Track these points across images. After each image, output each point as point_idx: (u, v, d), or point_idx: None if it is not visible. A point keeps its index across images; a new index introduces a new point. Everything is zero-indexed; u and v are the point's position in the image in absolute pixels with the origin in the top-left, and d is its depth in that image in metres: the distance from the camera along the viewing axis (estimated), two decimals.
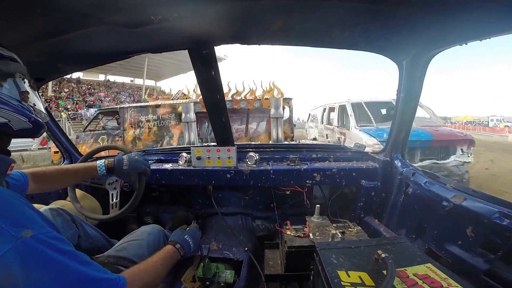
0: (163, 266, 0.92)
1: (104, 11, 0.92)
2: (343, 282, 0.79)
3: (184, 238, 1.13)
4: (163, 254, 0.98)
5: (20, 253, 0.53)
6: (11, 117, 0.71)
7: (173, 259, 1.02)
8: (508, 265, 0.91)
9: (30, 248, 0.55)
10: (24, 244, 0.54)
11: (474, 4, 0.83)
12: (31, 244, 0.55)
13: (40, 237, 0.58)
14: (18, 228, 0.56)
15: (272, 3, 0.92)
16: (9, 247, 0.52)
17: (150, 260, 0.91)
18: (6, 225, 0.55)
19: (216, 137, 1.72)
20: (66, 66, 1.44)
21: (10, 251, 0.52)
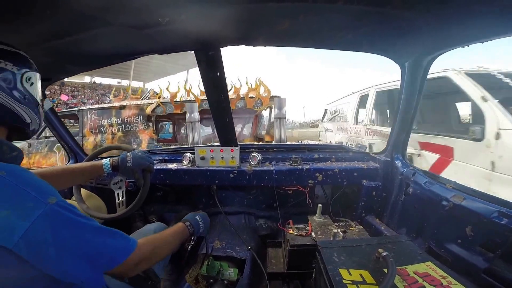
0: (173, 238, 0.98)
1: (111, 13, 0.93)
2: (344, 280, 0.80)
3: (195, 218, 1.16)
4: (174, 228, 1.04)
5: (49, 217, 0.59)
6: (33, 118, 0.80)
7: (183, 234, 1.05)
8: (507, 263, 0.91)
9: (56, 212, 0.61)
10: (52, 209, 0.60)
11: (476, 7, 0.84)
12: (56, 209, 0.61)
13: (62, 203, 0.63)
14: (45, 195, 0.61)
15: (278, 5, 0.92)
16: (40, 211, 0.58)
17: (161, 232, 0.98)
18: (35, 192, 0.60)
19: (220, 137, 1.73)
20: (73, 66, 1.45)
21: (41, 215, 0.58)
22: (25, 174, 0.65)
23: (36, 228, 0.57)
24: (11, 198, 0.58)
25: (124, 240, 0.75)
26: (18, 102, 0.74)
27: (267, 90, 5.67)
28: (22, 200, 0.58)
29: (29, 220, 0.56)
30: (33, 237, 0.56)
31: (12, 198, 0.58)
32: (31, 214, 0.57)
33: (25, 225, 0.55)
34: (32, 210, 0.58)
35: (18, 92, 0.74)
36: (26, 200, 0.58)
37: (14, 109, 0.73)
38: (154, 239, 0.90)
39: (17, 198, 0.58)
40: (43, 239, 0.57)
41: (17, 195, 0.59)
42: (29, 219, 0.56)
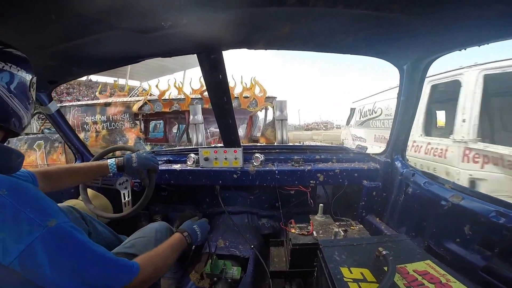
0: (172, 252, 0.98)
1: (115, 17, 0.94)
2: (345, 278, 0.81)
3: (193, 228, 1.17)
4: (171, 241, 1.04)
5: (46, 240, 0.58)
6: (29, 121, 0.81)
7: (181, 246, 1.06)
8: (505, 261, 0.93)
9: (54, 236, 0.60)
10: (50, 232, 0.59)
11: (473, 11, 0.85)
12: (55, 232, 0.60)
13: (63, 225, 0.62)
14: (44, 217, 0.60)
15: (279, 9, 0.93)
16: (37, 235, 0.57)
17: (160, 247, 0.96)
18: (33, 215, 0.59)
19: (223, 138, 1.75)
20: (79, 69, 1.47)
21: (38, 238, 0.57)
22: (27, 193, 0.63)
23: (31, 250, 0.56)
24: (8, 220, 0.56)
25: (125, 267, 0.73)
26: (25, 108, 0.76)
27: (263, 90, 5.47)
28: (18, 223, 0.57)
29: (24, 243, 0.55)
30: (28, 258, 0.56)
31: (9, 220, 0.56)
32: (27, 238, 0.56)
33: (20, 247, 0.55)
34: (28, 234, 0.56)
35: (27, 98, 0.76)
36: (22, 223, 0.57)
37: (21, 114, 0.75)
38: (154, 257, 0.88)
39: (14, 220, 0.57)
40: (39, 261, 0.56)
41: (14, 217, 0.57)
42: (24, 242, 0.55)
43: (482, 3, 0.80)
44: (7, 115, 0.71)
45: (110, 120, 5.86)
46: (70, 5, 0.83)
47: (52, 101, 1.71)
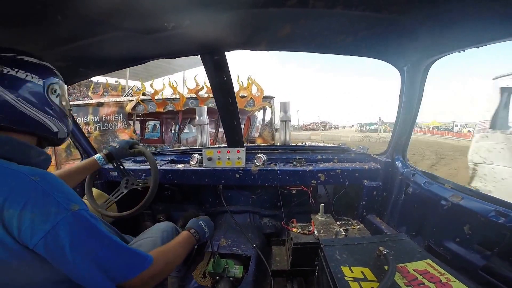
0: (182, 248, 1.00)
1: (119, 18, 0.96)
2: (346, 277, 0.81)
3: (199, 224, 1.19)
4: (180, 238, 1.06)
5: (69, 224, 0.62)
6: (61, 128, 0.84)
7: (190, 243, 1.08)
8: (504, 261, 0.93)
9: (77, 219, 0.64)
10: (73, 216, 0.63)
11: (472, 12, 0.86)
12: (78, 216, 0.64)
13: (85, 212, 0.67)
14: (69, 202, 0.65)
15: (279, 10, 0.95)
16: (62, 217, 0.61)
17: (170, 244, 0.99)
18: (60, 199, 0.63)
19: (227, 138, 1.76)
20: (86, 70, 1.48)
21: (63, 220, 0.61)
22: (55, 181, 0.68)
23: (56, 232, 0.60)
24: (39, 202, 0.61)
25: (139, 257, 0.76)
26: (45, 113, 0.77)
27: (260, 90, 5.38)
28: (47, 205, 0.61)
29: (50, 224, 0.60)
30: (52, 240, 0.59)
31: (39, 202, 0.61)
32: (53, 219, 0.60)
33: (46, 228, 0.59)
34: (55, 215, 0.61)
35: (44, 104, 0.77)
36: (50, 205, 0.61)
37: (41, 120, 0.77)
38: (166, 253, 0.91)
39: (44, 202, 0.61)
40: (62, 243, 0.60)
41: (44, 200, 0.62)
42: (50, 223, 0.60)
43: (481, 4, 0.81)
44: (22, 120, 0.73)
45: (102, 121, 5.79)
46: (75, 6, 0.85)
47: None
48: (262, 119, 6.33)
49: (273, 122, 5.53)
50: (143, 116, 6.39)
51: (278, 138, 2.47)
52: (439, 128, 39.80)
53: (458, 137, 26.89)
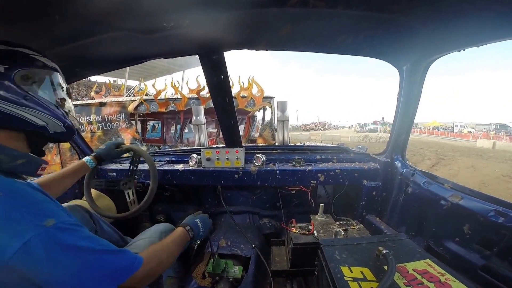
0: (175, 246, 0.98)
1: (118, 18, 0.95)
2: (346, 277, 0.82)
3: (195, 222, 1.16)
4: (174, 235, 1.04)
5: (43, 240, 0.58)
6: (49, 120, 0.77)
7: (184, 240, 1.05)
8: (503, 260, 0.93)
9: (52, 235, 0.60)
10: (47, 232, 0.59)
11: (471, 12, 0.86)
12: (53, 231, 0.60)
13: (60, 225, 0.62)
14: (42, 218, 0.60)
15: (279, 10, 0.94)
16: (32, 234, 0.57)
17: (163, 241, 0.97)
18: (30, 216, 0.59)
19: (225, 139, 1.76)
20: (83, 70, 1.48)
21: (34, 237, 0.57)
22: (24, 194, 0.64)
23: (28, 249, 0.56)
24: (4, 220, 0.57)
25: (129, 259, 0.73)
26: (15, 104, 0.69)
27: (260, 90, 5.40)
28: (14, 223, 0.57)
29: (20, 241, 0.56)
30: (26, 256, 0.56)
31: (5, 220, 0.57)
32: (22, 236, 0.56)
33: (16, 246, 0.55)
34: (24, 232, 0.57)
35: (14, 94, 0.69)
36: (18, 223, 0.58)
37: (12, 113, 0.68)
38: (158, 251, 0.88)
39: (10, 220, 0.58)
40: (37, 259, 0.57)
41: (10, 217, 0.58)
42: (20, 241, 0.56)
43: (481, 4, 0.81)
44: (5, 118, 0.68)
45: (105, 121, 5.81)
46: (73, 7, 0.84)
47: None
48: (262, 119, 6.36)
49: (273, 122, 5.46)
50: (144, 116, 6.40)
51: (277, 138, 2.47)
52: (439, 128, 39.93)
53: (458, 137, 27.04)
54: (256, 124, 6.84)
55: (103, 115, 5.83)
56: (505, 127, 34.39)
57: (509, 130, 31.82)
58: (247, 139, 6.19)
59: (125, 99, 6.11)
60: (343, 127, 68.52)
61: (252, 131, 6.54)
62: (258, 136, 5.85)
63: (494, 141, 19.28)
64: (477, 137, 23.50)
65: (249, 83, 5.54)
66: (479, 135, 25.37)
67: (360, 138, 23.24)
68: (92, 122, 5.86)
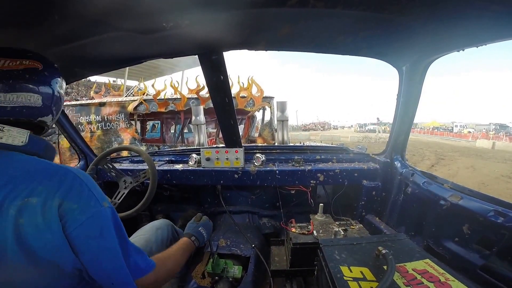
0: (182, 256, 1.04)
1: (117, 18, 0.95)
2: (345, 277, 0.82)
3: (199, 231, 1.21)
4: (181, 245, 1.09)
5: (100, 217, 0.68)
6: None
7: (190, 249, 1.11)
8: (503, 260, 0.94)
9: (106, 214, 0.69)
10: (105, 211, 0.69)
11: (471, 12, 0.86)
12: (107, 212, 0.70)
13: (112, 210, 0.72)
14: (101, 199, 0.70)
15: (279, 10, 0.94)
16: (96, 210, 0.67)
17: (171, 250, 1.02)
18: (97, 195, 0.70)
19: (225, 139, 1.76)
20: (82, 70, 1.47)
21: (96, 213, 0.67)
22: (91, 180, 0.73)
23: (89, 223, 0.65)
24: (84, 196, 0.67)
25: (145, 260, 0.80)
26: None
27: (260, 90, 5.39)
28: (87, 199, 0.67)
29: (86, 215, 0.65)
30: (85, 230, 0.65)
31: (84, 196, 0.67)
32: (89, 211, 0.66)
33: (82, 219, 0.64)
34: (91, 208, 0.67)
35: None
36: (90, 199, 0.68)
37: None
38: (167, 259, 0.93)
39: (87, 197, 0.68)
40: (92, 234, 0.66)
41: (87, 195, 0.68)
42: (86, 215, 0.65)
43: (480, 4, 0.81)
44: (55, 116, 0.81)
45: (105, 120, 5.85)
46: (72, 6, 0.84)
47: None
48: (261, 119, 6.37)
49: (272, 122, 5.49)
50: (143, 116, 6.42)
51: (276, 138, 2.47)
52: (438, 128, 40.02)
53: (458, 137, 27.10)
54: (256, 124, 6.85)
55: (103, 115, 5.86)
56: (504, 127, 34.52)
57: (508, 131, 31.94)
58: (247, 139, 6.18)
59: (125, 99, 6.14)
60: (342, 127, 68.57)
61: (252, 131, 6.55)
62: (257, 136, 5.85)
63: (493, 141, 19.36)
64: (477, 137, 23.57)
65: (248, 83, 5.54)
66: (479, 135, 25.45)
67: (359, 138, 23.26)
68: (92, 122, 5.90)
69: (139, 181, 1.52)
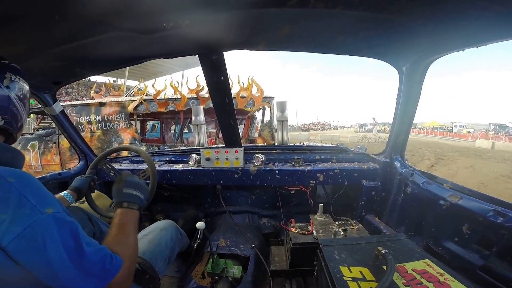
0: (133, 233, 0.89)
1: (118, 18, 0.94)
2: (345, 277, 0.82)
3: (126, 194, 0.99)
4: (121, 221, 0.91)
5: (43, 225, 0.61)
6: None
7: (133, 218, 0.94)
8: (502, 260, 0.94)
9: (50, 223, 0.62)
10: (46, 219, 0.62)
11: (471, 12, 0.86)
12: (51, 219, 0.63)
13: (59, 215, 0.65)
14: (44, 205, 0.63)
15: (279, 10, 0.94)
16: (35, 219, 0.60)
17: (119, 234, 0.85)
18: (35, 202, 0.62)
19: (225, 139, 1.76)
20: (82, 70, 1.47)
21: (36, 222, 0.60)
22: (32, 183, 0.67)
23: (28, 233, 0.59)
24: (12, 204, 0.60)
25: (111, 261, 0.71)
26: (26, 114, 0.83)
27: (260, 90, 5.39)
28: (21, 207, 0.60)
29: (22, 226, 0.58)
30: (25, 242, 0.58)
31: (13, 204, 0.60)
32: (26, 221, 0.59)
33: (17, 230, 0.58)
34: (28, 217, 0.60)
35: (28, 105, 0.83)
36: (24, 207, 0.61)
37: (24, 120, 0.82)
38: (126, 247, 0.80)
39: (17, 204, 0.60)
40: (34, 246, 0.59)
41: (18, 202, 0.61)
42: (22, 225, 0.58)
43: (480, 5, 0.81)
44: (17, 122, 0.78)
45: (105, 120, 5.83)
46: (73, 6, 0.83)
47: (56, 102, 1.71)
48: (261, 119, 6.38)
49: (272, 122, 5.46)
50: (143, 116, 6.42)
51: (276, 138, 2.48)
52: (438, 129, 40.06)
53: (458, 137, 27.13)
54: (256, 124, 6.86)
55: (103, 115, 5.86)
56: (504, 128, 34.56)
57: (508, 131, 31.96)
58: (247, 139, 6.19)
59: (125, 99, 6.14)
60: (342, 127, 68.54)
61: (252, 131, 6.56)
62: (257, 136, 5.85)
63: (493, 141, 19.38)
64: (476, 137, 23.60)
65: (248, 83, 5.54)
66: (478, 135, 25.48)
67: (359, 138, 23.27)
68: (92, 122, 5.90)
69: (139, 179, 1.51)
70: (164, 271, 1.21)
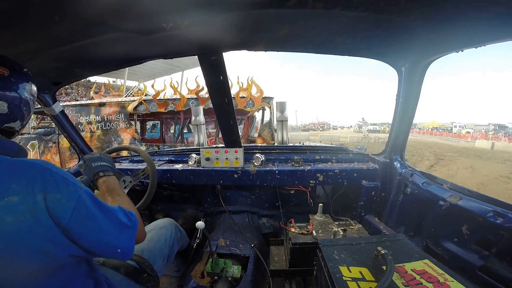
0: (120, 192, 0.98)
1: (117, 19, 0.95)
2: (344, 277, 0.82)
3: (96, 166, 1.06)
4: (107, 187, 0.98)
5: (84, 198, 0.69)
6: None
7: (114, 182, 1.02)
8: (502, 261, 0.94)
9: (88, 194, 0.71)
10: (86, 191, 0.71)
11: (469, 13, 0.86)
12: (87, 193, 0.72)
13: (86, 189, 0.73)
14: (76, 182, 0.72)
15: (278, 11, 0.94)
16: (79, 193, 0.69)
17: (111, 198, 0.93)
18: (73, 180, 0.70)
19: (224, 138, 1.76)
20: (82, 70, 1.47)
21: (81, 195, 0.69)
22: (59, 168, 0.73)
23: (79, 207, 0.67)
24: (60, 184, 0.67)
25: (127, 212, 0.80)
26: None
27: (259, 91, 5.39)
28: (67, 186, 0.68)
29: (73, 200, 0.67)
30: (79, 214, 0.67)
31: (61, 184, 0.67)
32: (74, 196, 0.67)
33: (72, 204, 0.66)
34: (74, 193, 0.68)
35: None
36: (68, 186, 0.68)
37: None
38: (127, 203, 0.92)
39: (64, 184, 0.67)
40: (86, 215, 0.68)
41: (63, 182, 0.68)
42: (73, 200, 0.67)
43: (479, 5, 0.81)
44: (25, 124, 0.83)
45: (105, 120, 5.85)
46: (72, 7, 0.84)
47: (56, 102, 1.71)
48: (261, 119, 6.38)
49: (272, 123, 5.45)
50: (143, 116, 6.42)
51: (276, 138, 2.48)
52: (438, 129, 40.07)
53: (457, 138, 27.16)
54: (255, 124, 6.86)
55: (103, 115, 5.87)
56: (503, 128, 34.52)
57: (507, 131, 31.94)
58: (246, 139, 6.19)
59: (125, 99, 6.14)
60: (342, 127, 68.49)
61: (251, 131, 6.56)
62: (257, 136, 5.85)
63: (492, 142, 19.39)
64: (476, 138, 23.61)
65: (248, 83, 5.53)
66: (478, 135, 25.49)
67: (359, 138, 23.28)
68: (92, 122, 5.90)
69: (138, 179, 1.52)
70: (163, 270, 1.22)
